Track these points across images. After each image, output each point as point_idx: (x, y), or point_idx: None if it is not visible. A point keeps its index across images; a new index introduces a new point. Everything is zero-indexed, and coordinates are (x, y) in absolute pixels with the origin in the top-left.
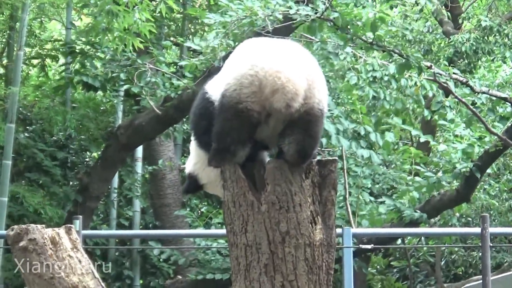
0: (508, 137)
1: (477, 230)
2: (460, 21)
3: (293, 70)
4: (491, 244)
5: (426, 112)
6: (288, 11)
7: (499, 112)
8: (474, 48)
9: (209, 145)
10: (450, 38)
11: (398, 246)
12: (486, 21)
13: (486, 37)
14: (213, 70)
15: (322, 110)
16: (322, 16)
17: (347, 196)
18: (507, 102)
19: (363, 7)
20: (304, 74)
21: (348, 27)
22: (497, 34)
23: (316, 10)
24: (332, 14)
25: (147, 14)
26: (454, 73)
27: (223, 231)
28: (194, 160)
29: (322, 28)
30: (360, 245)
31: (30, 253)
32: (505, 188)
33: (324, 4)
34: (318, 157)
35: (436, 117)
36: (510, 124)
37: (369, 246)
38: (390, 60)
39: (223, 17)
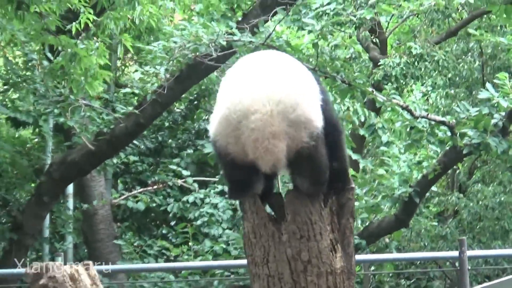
0: (446, 161)
1: (455, 253)
2: (388, 48)
3: (271, 134)
4: (469, 268)
5: (362, 131)
6: (232, 37)
7: (438, 136)
8: (404, 72)
9: None
10: (378, 63)
11: (372, 273)
12: (416, 48)
13: (416, 63)
14: (145, 102)
15: (316, 141)
16: (265, 43)
17: None
18: (445, 126)
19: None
20: (286, 123)
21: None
22: (427, 60)
23: (260, 37)
24: (277, 41)
25: (105, 59)
26: (394, 98)
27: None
28: None
29: None
30: None
31: None
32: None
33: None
34: None
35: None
36: (448, 148)
37: None
38: (333, 86)
39: (166, 44)
